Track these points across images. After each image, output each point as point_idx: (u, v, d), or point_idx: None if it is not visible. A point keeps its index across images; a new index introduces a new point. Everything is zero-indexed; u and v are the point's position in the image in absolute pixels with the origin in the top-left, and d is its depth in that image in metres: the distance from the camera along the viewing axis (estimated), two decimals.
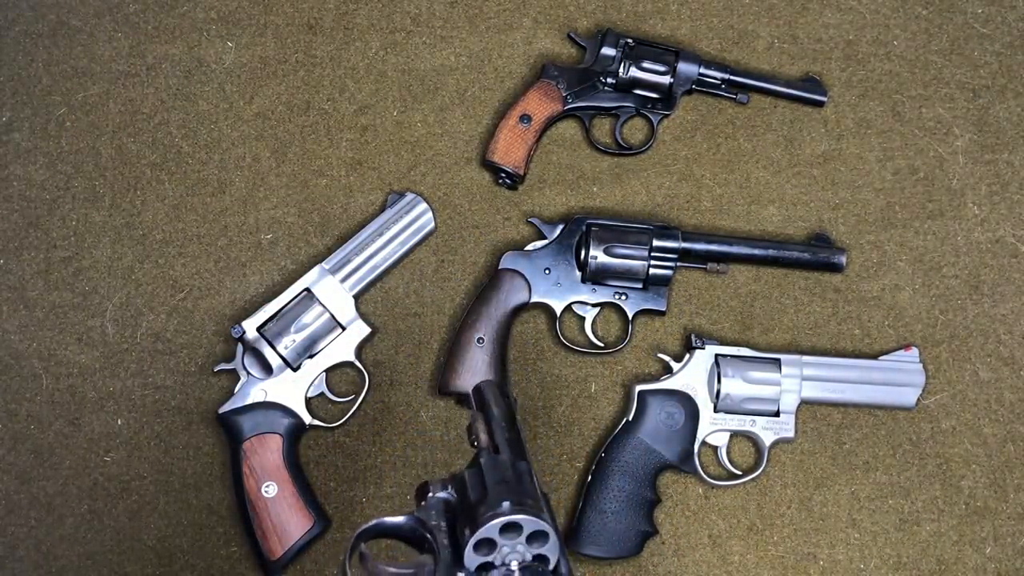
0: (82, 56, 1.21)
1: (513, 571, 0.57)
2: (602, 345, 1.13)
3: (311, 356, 1.08)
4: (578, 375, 1.13)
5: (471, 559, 0.57)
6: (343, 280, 1.09)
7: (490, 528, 0.56)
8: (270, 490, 1.04)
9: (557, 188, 1.18)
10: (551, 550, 0.58)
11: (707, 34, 1.23)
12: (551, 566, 0.58)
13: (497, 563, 0.57)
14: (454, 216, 1.17)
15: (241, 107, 1.20)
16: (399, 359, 1.13)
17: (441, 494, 0.63)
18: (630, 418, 1.07)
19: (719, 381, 1.07)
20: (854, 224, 1.18)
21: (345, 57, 1.22)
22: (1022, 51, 1.24)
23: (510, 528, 0.56)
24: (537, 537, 0.57)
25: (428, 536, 0.60)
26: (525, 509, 0.57)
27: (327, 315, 1.08)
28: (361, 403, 1.10)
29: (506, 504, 0.57)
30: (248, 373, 1.07)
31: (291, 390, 1.07)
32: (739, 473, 1.09)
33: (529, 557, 0.57)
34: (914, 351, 1.10)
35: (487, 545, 0.57)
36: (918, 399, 1.09)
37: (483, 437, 0.70)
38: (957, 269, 1.17)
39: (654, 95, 1.18)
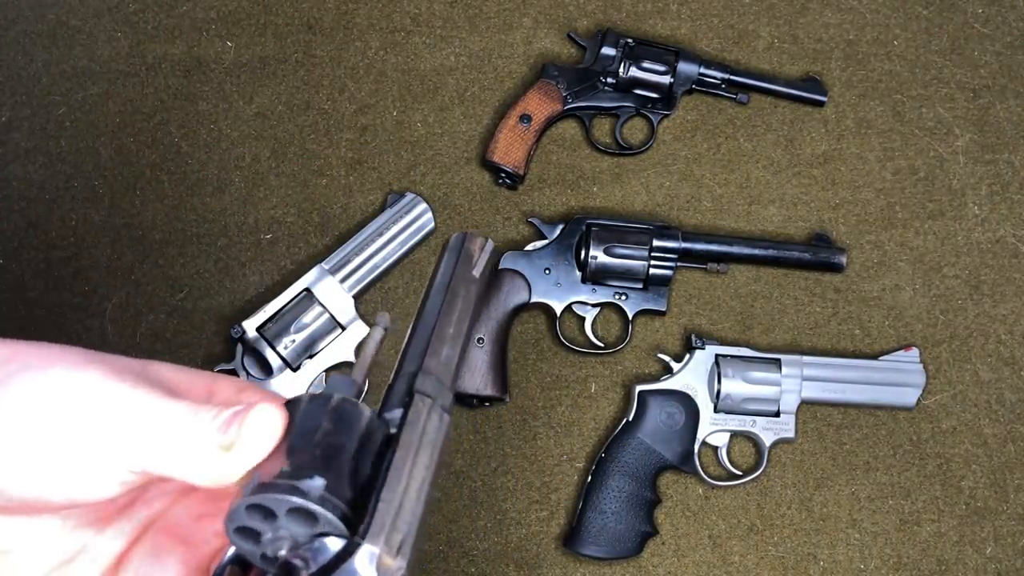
0: (82, 56, 1.21)
1: (281, 559, 0.42)
2: (602, 345, 1.13)
3: (311, 356, 1.08)
4: (578, 375, 1.13)
5: (237, 542, 0.42)
6: (343, 280, 1.09)
7: (236, 514, 0.41)
8: None
9: (557, 188, 1.18)
10: (329, 525, 0.41)
11: (707, 34, 1.23)
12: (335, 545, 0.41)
13: (268, 553, 0.42)
14: (454, 216, 1.17)
15: (241, 107, 1.20)
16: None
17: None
18: (630, 418, 1.07)
19: (719, 381, 1.07)
20: (854, 224, 1.18)
21: (345, 57, 1.21)
22: (1022, 51, 1.24)
23: (259, 510, 0.41)
24: (302, 517, 0.41)
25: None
26: (273, 485, 0.40)
27: (327, 315, 1.08)
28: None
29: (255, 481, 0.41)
30: (248, 374, 1.07)
31: (291, 391, 1.07)
32: (739, 473, 1.09)
33: (302, 539, 0.41)
34: (914, 351, 1.10)
35: (249, 532, 0.42)
36: (918, 399, 1.09)
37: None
38: (957, 269, 1.17)
39: (654, 95, 1.18)
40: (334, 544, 0.41)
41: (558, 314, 1.11)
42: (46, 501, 0.44)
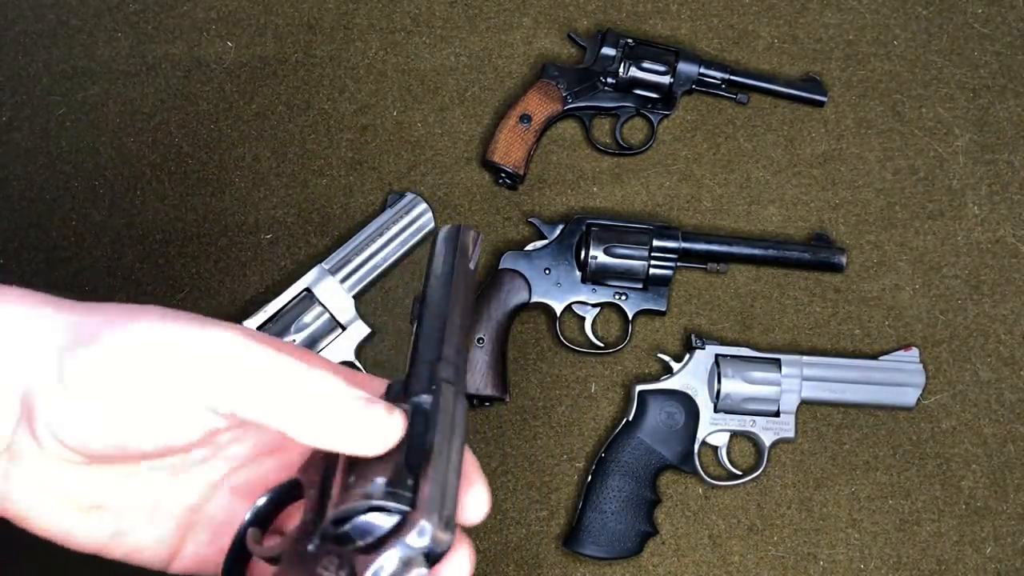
0: (82, 56, 1.21)
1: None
2: (602, 345, 1.13)
3: None
4: (578, 375, 1.13)
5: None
6: (343, 280, 1.09)
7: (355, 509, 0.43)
8: None
9: (557, 188, 1.18)
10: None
11: (707, 34, 1.23)
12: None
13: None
14: (454, 216, 1.17)
15: (241, 107, 1.20)
16: (399, 359, 1.13)
17: None
18: (630, 418, 1.07)
19: (719, 381, 1.07)
20: (854, 224, 1.18)
21: (345, 57, 1.22)
22: (1022, 51, 1.24)
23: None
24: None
25: None
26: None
27: (327, 315, 1.08)
28: None
29: (380, 481, 0.43)
30: None
31: None
32: (739, 473, 1.09)
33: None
34: (914, 351, 1.10)
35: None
36: (918, 399, 1.09)
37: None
38: (957, 269, 1.17)
39: (654, 95, 1.18)
40: (381, 519, 0.43)
41: (558, 314, 1.11)
42: (132, 450, 0.46)
